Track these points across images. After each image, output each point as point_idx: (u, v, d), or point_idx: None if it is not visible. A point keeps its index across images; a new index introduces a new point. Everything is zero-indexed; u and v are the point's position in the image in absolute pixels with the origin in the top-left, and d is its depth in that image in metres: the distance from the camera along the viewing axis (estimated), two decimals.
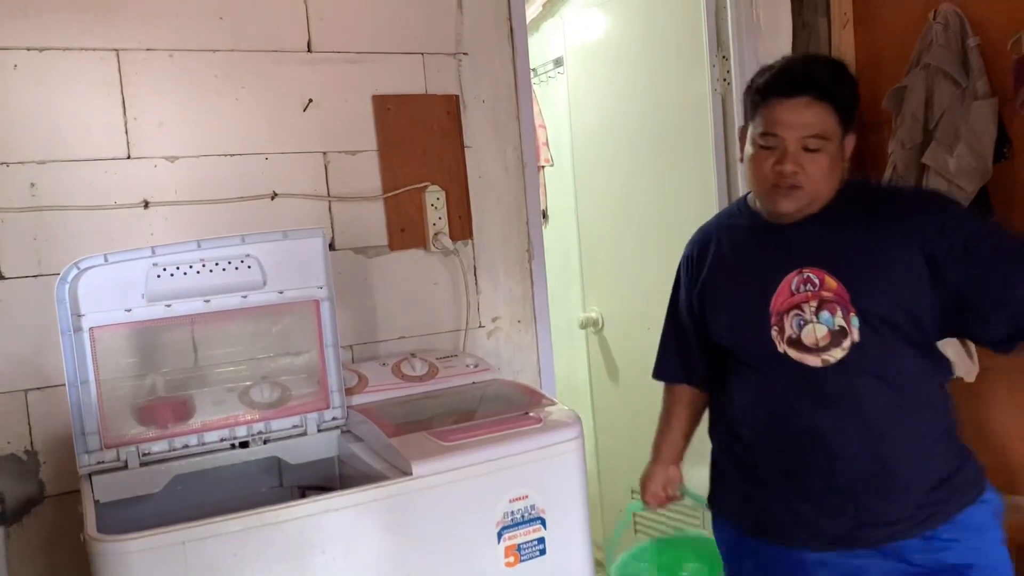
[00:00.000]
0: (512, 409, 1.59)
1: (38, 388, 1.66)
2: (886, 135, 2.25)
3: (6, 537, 1.63)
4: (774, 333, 1.47)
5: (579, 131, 2.95)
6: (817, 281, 1.43)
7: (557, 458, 1.49)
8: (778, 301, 1.47)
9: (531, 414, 1.53)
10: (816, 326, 1.43)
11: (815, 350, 1.43)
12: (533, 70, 3.44)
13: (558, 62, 3.24)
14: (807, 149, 1.39)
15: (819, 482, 1.45)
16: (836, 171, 1.43)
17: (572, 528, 1.50)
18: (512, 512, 1.44)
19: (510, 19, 2.08)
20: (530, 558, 1.46)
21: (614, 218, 2.83)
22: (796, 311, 1.45)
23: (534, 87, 3.43)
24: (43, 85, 1.65)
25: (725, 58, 2.45)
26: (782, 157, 1.40)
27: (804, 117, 1.38)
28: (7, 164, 1.63)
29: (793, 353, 1.45)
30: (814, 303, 1.44)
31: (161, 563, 1.21)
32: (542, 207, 3.44)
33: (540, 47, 3.42)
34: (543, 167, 3.40)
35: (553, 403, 1.63)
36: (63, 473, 1.66)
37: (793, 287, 1.46)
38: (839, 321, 1.42)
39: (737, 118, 2.46)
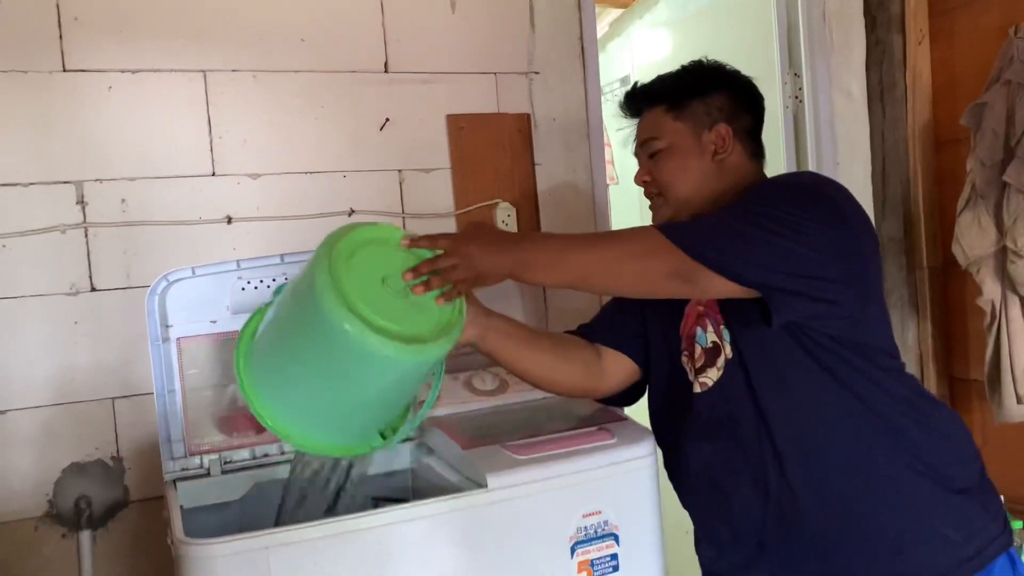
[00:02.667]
0: (584, 424, 1.59)
1: (125, 396, 1.72)
2: (964, 153, 2.21)
3: (92, 541, 1.69)
4: (683, 359, 1.33)
5: None
6: None
7: (630, 474, 1.49)
8: (686, 324, 1.35)
9: (604, 429, 1.53)
10: (696, 346, 1.30)
11: (695, 373, 1.30)
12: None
13: (624, 81, 3.26)
14: (651, 156, 1.36)
15: (721, 531, 1.31)
16: (692, 168, 1.32)
17: (646, 545, 1.50)
18: (585, 527, 1.44)
19: (581, 39, 2.11)
20: (603, 574, 1.45)
21: None
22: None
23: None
24: (135, 105, 1.73)
25: (797, 75, 2.43)
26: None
27: (639, 130, 1.40)
28: (100, 180, 1.70)
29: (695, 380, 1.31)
30: (693, 318, 1.31)
31: (245, 567, 1.24)
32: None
33: (606, 66, 3.44)
34: (609, 185, 3.42)
35: (625, 419, 1.62)
36: (147, 479, 1.71)
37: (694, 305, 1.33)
38: (711, 337, 1.27)
39: (811, 136, 2.44)
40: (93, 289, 1.71)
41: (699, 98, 1.37)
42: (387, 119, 1.91)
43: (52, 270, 1.67)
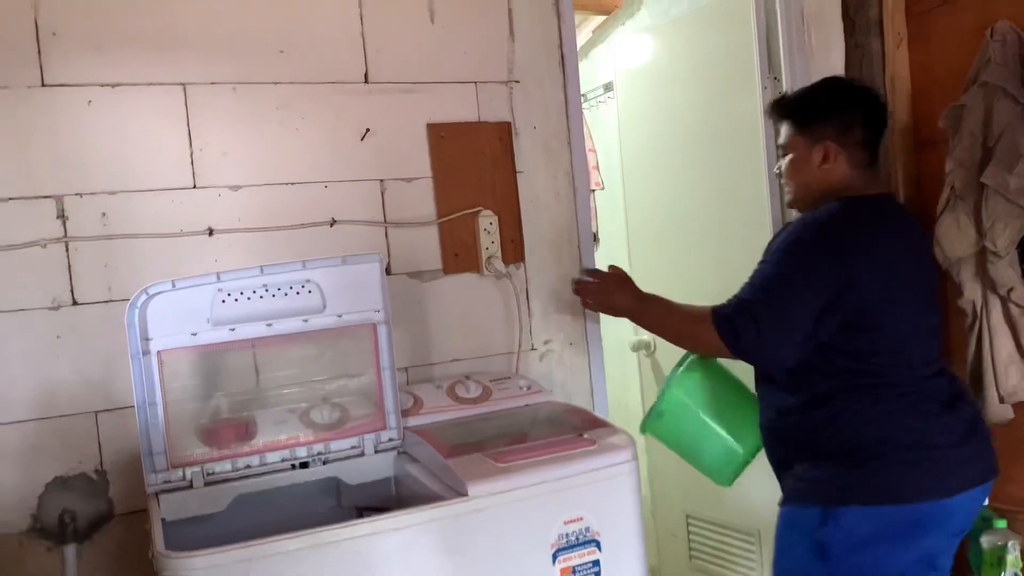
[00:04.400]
0: (566, 431, 1.60)
1: (108, 410, 1.72)
2: (943, 154, 2.22)
3: (77, 554, 1.68)
4: None
5: (629, 155, 2.97)
6: None
7: (611, 480, 1.50)
8: None
9: (585, 436, 1.54)
10: None
11: None
12: (583, 95, 3.47)
13: (608, 87, 3.27)
14: (784, 155, 1.81)
15: None
16: (804, 172, 1.75)
17: (627, 551, 1.51)
18: (567, 534, 1.45)
19: (561, 47, 2.12)
20: None
21: (665, 241, 2.83)
22: None
23: (584, 112, 3.46)
24: (114, 119, 1.73)
25: (776, 79, 2.44)
26: None
27: (780, 133, 1.82)
28: (80, 195, 1.71)
29: None
30: None
31: None
32: (593, 230, 3.46)
33: (590, 72, 3.45)
34: (594, 191, 3.43)
35: (607, 425, 1.63)
36: (131, 492, 1.71)
37: None
38: None
39: None
40: (75, 303, 1.71)
41: (815, 119, 1.74)
42: (368, 129, 1.92)
43: (33, 285, 1.67)
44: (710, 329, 1.62)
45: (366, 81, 1.93)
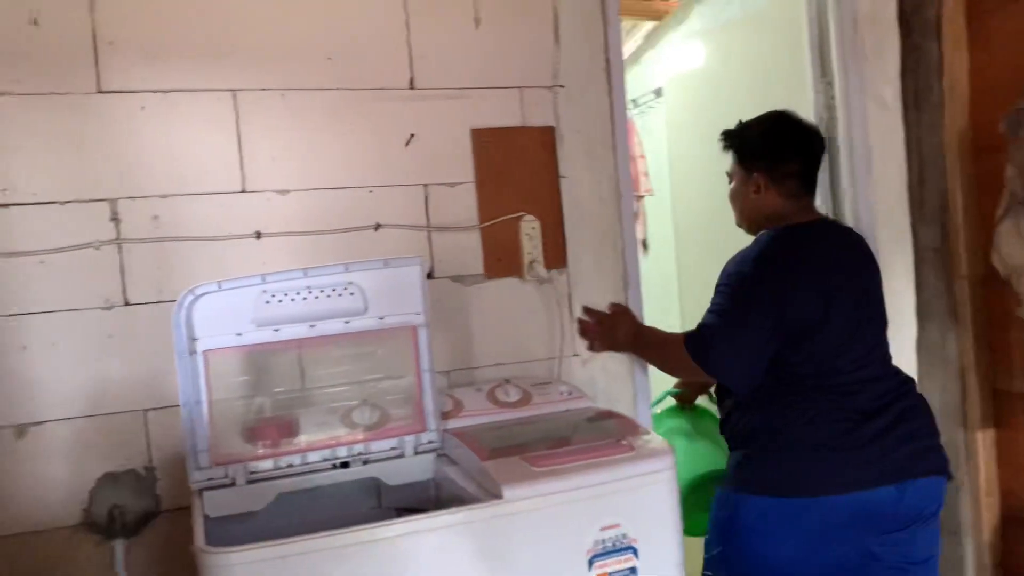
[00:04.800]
0: (605, 437, 1.59)
1: (157, 408, 1.76)
2: (1003, 160, 2.16)
3: (126, 549, 1.73)
4: None
5: (678, 160, 2.95)
6: None
7: (649, 487, 1.48)
8: None
9: (623, 442, 1.53)
10: None
11: None
12: (633, 100, 3.47)
13: (658, 92, 3.25)
14: (729, 182, 2.02)
15: None
16: (739, 198, 1.97)
17: (665, 559, 1.48)
18: (603, 540, 1.43)
19: (606, 51, 2.11)
20: None
21: (712, 248, 2.78)
22: None
23: (634, 117, 3.45)
24: (167, 124, 1.78)
25: (829, 83, 2.40)
26: None
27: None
28: (133, 198, 1.76)
29: None
30: None
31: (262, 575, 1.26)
32: (641, 237, 3.45)
33: (640, 78, 3.44)
34: (643, 197, 3.41)
35: (646, 432, 1.62)
36: (178, 489, 1.75)
37: None
38: None
39: (844, 145, 2.40)
40: (126, 303, 1.76)
41: (750, 153, 1.94)
42: (412, 134, 1.93)
43: (87, 285, 1.73)
44: (684, 352, 1.81)
45: (411, 87, 1.95)
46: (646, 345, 2.00)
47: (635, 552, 1.45)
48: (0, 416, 1.68)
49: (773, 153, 1.91)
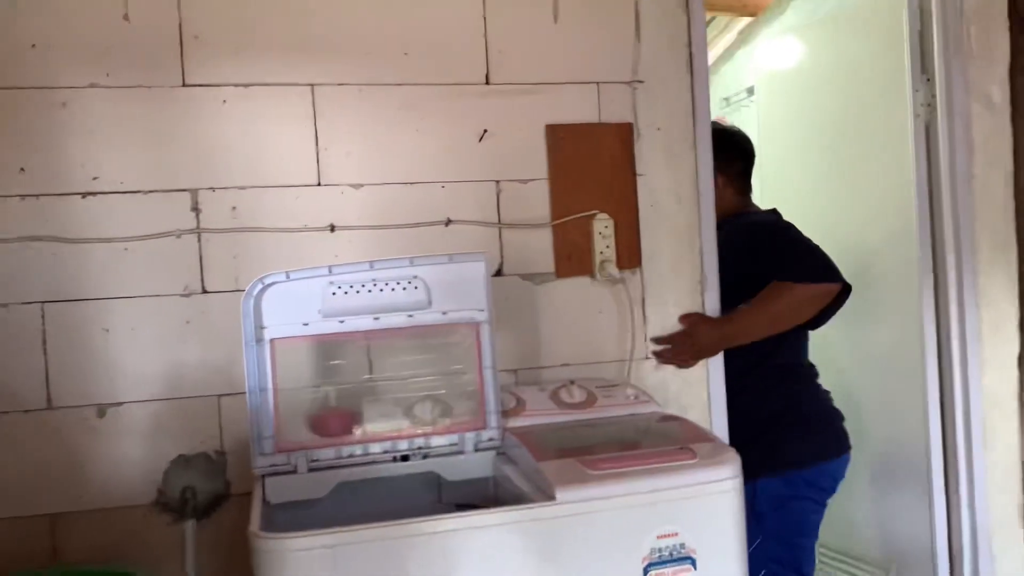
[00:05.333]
0: (668, 443, 1.54)
1: (229, 394, 1.81)
2: None
3: (196, 530, 1.78)
4: None
5: (769, 161, 2.84)
6: None
7: (711, 497, 1.42)
8: None
9: (686, 449, 1.48)
10: None
11: None
12: (726, 99, 3.38)
13: (751, 90, 3.16)
14: None
15: None
16: (715, 193, 2.10)
17: (725, 573, 1.43)
18: (660, 549, 1.39)
19: (690, 47, 2.05)
20: None
21: None
22: None
23: (726, 116, 3.35)
24: (247, 118, 1.82)
25: (929, 80, 2.27)
26: None
27: None
28: (213, 189, 1.80)
29: None
30: None
31: (313, 563, 1.27)
32: None
33: (733, 75, 3.35)
34: None
35: (713, 440, 1.56)
36: (247, 474, 1.77)
37: None
38: None
39: (944, 146, 2.27)
40: (204, 291, 1.81)
41: (716, 156, 2.10)
42: (485, 130, 1.92)
43: (167, 272, 1.78)
44: (800, 288, 1.99)
45: (487, 82, 1.94)
46: (746, 327, 2.04)
47: (693, 563, 1.40)
48: (83, 395, 1.75)
49: (725, 157, 2.21)
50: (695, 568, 1.40)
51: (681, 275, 2.04)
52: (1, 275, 1.71)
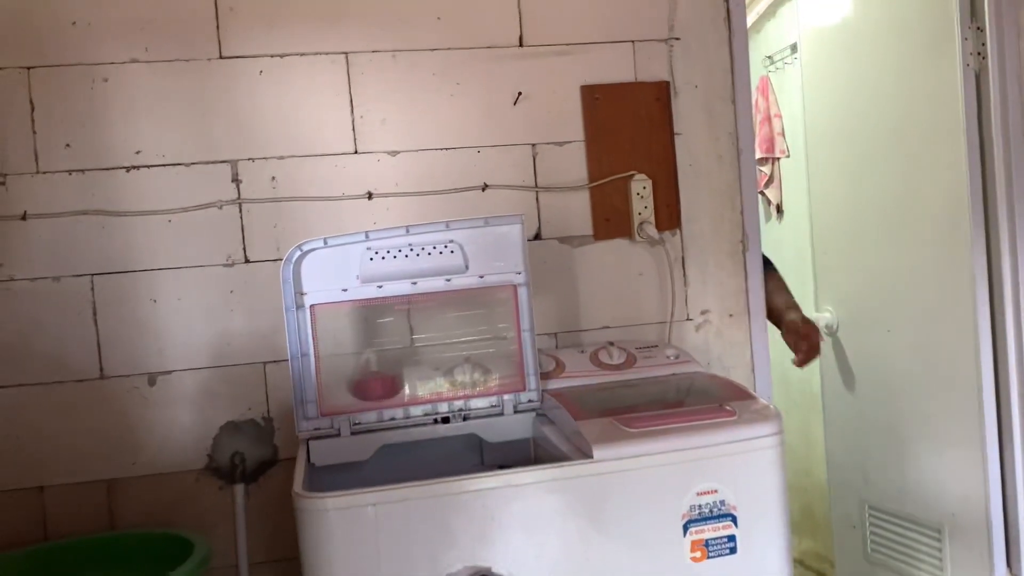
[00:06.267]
0: (708, 401, 1.53)
1: (274, 361, 1.84)
2: None
3: (246, 494, 1.82)
4: None
5: (813, 120, 2.77)
6: None
7: (751, 454, 1.41)
8: None
9: (726, 407, 1.47)
10: None
11: None
12: (769, 57, 3.30)
13: (794, 48, 3.08)
14: None
15: None
16: None
17: (767, 530, 1.42)
18: (700, 506, 1.38)
19: (727, 0, 2.01)
20: (719, 555, 1.39)
21: (850, 214, 2.62)
22: None
23: (770, 75, 3.28)
24: (283, 88, 1.84)
25: (980, 29, 2.19)
26: None
27: None
28: (252, 160, 1.83)
29: None
30: None
31: (354, 521, 1.30)
32: (776, 201, 3.29)
33: (777, 33, 3.28)
34: (778, 159, 3.25)
35: (754, 398, 1.54)
36: (294, 439, 1.81)
37: None
38: None
39: (995, 98, 2.19)
40: (247, 261, 1.84)
41: None
42: (520, 93, 1.91)
43: (211, 243, 1.82)
44: None
45: (520, 44, 1.93)
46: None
47: (734, 520, 1.40)
48: (134, 365, 1.80)
49: None
50: (736, 525, 1.40)
51: (722, 235, 2.02)
52: (52, 249, 1.76)
